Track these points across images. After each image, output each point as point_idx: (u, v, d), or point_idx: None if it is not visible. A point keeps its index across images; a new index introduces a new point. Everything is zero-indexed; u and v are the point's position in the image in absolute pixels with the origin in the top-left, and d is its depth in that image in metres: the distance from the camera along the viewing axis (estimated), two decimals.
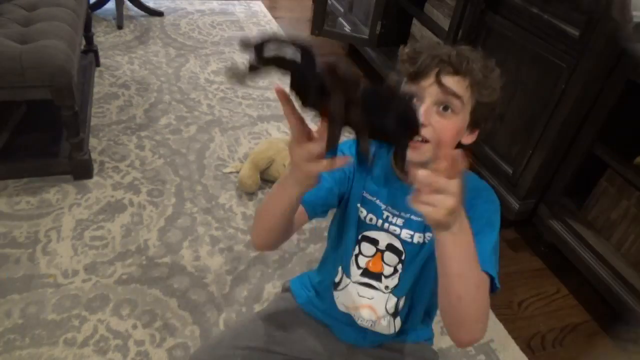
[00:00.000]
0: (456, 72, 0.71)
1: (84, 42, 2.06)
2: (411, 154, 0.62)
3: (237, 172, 1.70)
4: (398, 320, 0.89)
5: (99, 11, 2.76)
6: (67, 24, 1.57)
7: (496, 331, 1.30)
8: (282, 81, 0.52)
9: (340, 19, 2.72)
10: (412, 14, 2.24)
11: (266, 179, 1.68)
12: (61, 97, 1.39)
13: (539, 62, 1.40)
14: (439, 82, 0.70)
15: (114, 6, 2.67)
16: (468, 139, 0.79)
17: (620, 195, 1.35)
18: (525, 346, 1.29)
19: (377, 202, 0.84)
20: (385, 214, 0.84)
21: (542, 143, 1.41)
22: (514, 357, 1.25)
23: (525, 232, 1.66)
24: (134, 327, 1.17)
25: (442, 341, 1.24)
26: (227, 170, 1.73)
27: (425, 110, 0.70)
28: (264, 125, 2.02)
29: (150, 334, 1.16)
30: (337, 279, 0.91)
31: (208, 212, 1.54)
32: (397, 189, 0.82)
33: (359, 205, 0.85)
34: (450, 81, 0.71)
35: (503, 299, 1.41)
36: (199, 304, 1.25)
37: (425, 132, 0.70)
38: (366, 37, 2.41)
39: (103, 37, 2.52)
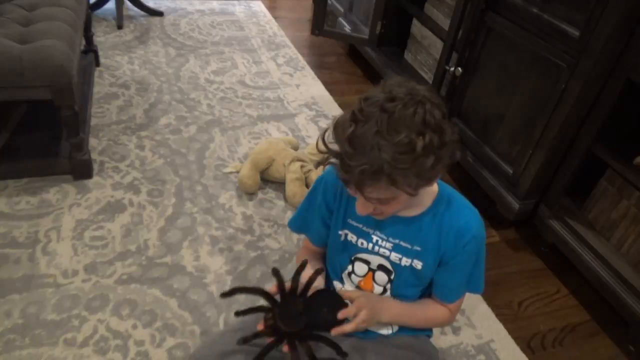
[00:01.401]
0: (373, 183, 0.68)
1: (84, 42, 2.06)
2: (377, 216, 0.81)
3: (237, 172, 1.70)
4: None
5: (99, 11, 2.76)
6: (67, 24, 1.57)
7: (496, 331, 1.30)
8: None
9: (340, 18, 2.73)
10: (412, 14, 2.24)
11: (266, 179, 1.68)
12: (61, 97, 1.39)
13: (539, 62, 1.40)
14: (362, 195, 0.71)
15: (114, 6, 2.67)
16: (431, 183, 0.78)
17: (620, 195, 1.35)
18: (525, 346, 1.29)
19: (364, 228, 0.89)
20: (375, 238, 0.89)
21: (542, 143, 1.41)
22: (514, 357, 1.25)
23: (525, 232, 1.66)
24: (134, 327, 1.17)
25: (442, 341, 1.25)
26: (227, 170, 1.73)
27: (363, 207, 0.76)
28: (264, 125, 2.02)
29: (150, 334, 1.16)
30: (331, 287, 0.96)
31: (208, 212, 1.54)
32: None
33: (340, 231, 0.91)
34: (371, 190, 0.69)
35: (503, 299, 1.41)
36: (199, 304, 1.25)
37: (372, 213, 0.78)
38: (366, 37, 2.42)
39: (103, 37, 2.52)
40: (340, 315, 0.79)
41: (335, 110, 2.20)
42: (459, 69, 1.69)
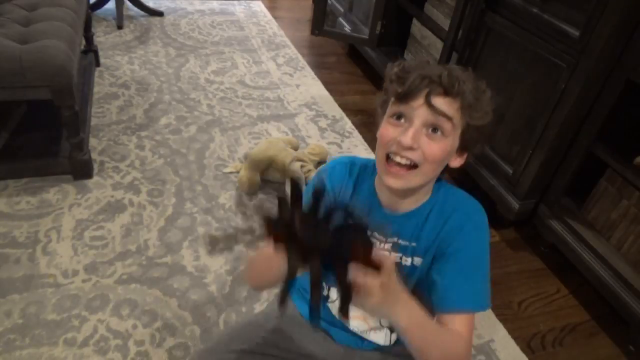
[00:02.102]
0: (447, 93, 0.68)
1: (84, 42, 2.06)
2: (394, 182, 0.71)
3: (237, 172, 1.70)
4: (395, 335, 0.89)
5: (99, 11, 2.76)
6: (67, 24, 1.57)
7: (496, 331, 1.30)
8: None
9: (340, 18, 2.73)
10: (412, 14, 2.24)
11: (266, 179, 1.68)
12: (61, 97, 1.39)
13: (539, 62, 1.40)
14: (429, 104, 0.68)
15: (114, 6, 2.67)
16: (456, 162, 0.77)
17: (620, 195, 1.35)
18: (525, 346, 1.29)
19: None
20: (374, 240, 0.85)
21: (542, 143, 1.41)
22: (514, 357, 1.25)
23: (525, 232, 1.66)
24: (134, 327, 1.17)
25: None
26: (227, 170, 1.73)
27: (414, 132, 0.68)
28: (264, 125, 2.02)
29: (150, 334, 1.16)
30: (325, 293, 0.91)
31: (208, 212, 1.54)
32: (381, 216, 0.83)
33: None
34: (441, 102, 0.68)
35: (503, 299, 1.41)
36: (199, 304, 1.25)
37: (412, 155, 0.69)
38: (366, 37, 2.42)
39: (103, 37, 2.52)
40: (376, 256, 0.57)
41: (336, 110, 2.20)
42: None
